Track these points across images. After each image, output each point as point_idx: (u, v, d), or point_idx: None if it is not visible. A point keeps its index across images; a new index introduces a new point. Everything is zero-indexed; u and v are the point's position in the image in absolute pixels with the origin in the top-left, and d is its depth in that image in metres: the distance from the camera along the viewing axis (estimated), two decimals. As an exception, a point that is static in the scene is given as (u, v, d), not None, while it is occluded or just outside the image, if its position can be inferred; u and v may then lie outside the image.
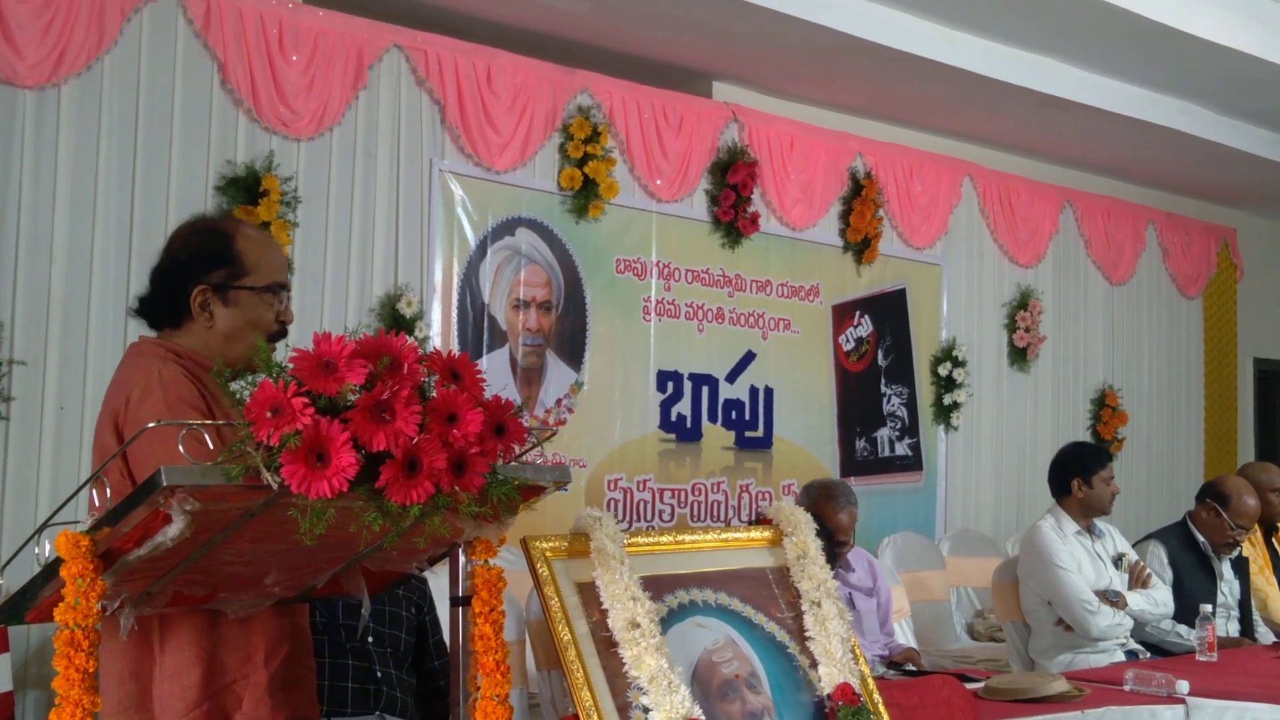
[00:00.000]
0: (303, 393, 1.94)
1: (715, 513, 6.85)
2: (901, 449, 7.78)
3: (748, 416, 7.07)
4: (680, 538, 2.77)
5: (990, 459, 8.28)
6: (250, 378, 2.01)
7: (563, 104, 6.39)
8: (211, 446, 1.96)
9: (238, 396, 1.97)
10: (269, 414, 1.92)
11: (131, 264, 5.16)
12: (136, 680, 2.39)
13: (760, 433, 7.13)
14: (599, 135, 6.45)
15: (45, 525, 2.12)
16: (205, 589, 2.28)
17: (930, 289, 8.00)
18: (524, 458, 2.21)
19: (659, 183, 6.73)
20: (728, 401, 6.99)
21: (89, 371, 5.04)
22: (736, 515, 6.92)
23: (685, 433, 6.80)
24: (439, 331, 5.88)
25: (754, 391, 7.11)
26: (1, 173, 4.88)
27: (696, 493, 6.83)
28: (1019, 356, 8.46)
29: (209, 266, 2.62)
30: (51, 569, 2.08)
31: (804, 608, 2.78)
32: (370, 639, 3.59)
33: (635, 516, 6.50)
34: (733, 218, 6.98)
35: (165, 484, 1.86)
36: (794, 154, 7.29)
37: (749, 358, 7.10)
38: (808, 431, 7.34)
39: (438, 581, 2.84)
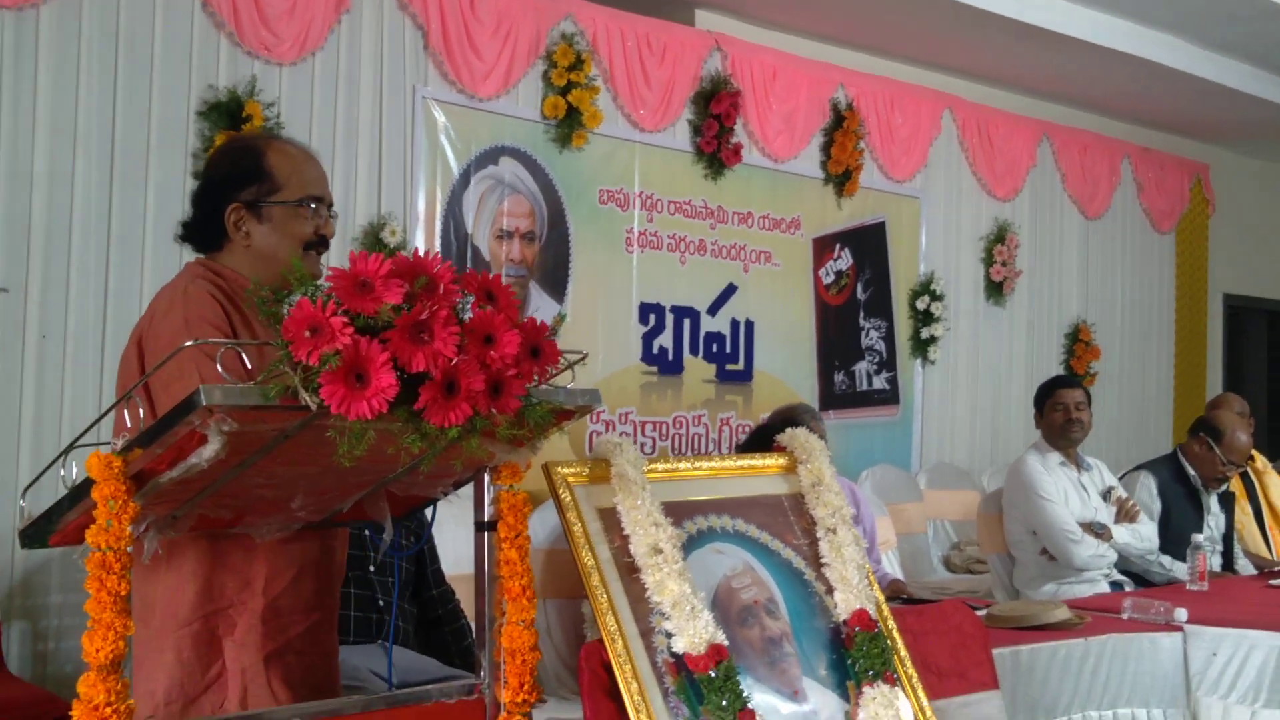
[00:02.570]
0: (341, 312, 1.91)
1: (696, 445, 6.85)
2: (879, 382, 7.79)
3: (729, 349, 7.06)
4: (698, 464, 2.76)
5: (966, 393, 8.32)
6: (292, 297, 1.98)
7: (546, 30, 6.30)
8: (248, 367, 1.93)
9: (281, 314, 1.93)
10: (307, 333, 1.89)
11: (113, 190, 5.07)
12: (138, 593, 2.37)
13: (741, 366, 7.12)
14: (582, 63, 6.37)
15: (71, 447, 2.08)
16: (231, 512, 2.25)
17: (909, 222, 7.99)
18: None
19: (642, 112, 6.67)
20: (709, 334, 6.98)
21: (70, 299, 4.96)
22: (717, 448, 6.92)
23: (667, 365, 6.78)
24: (423, 261, 5.81)
25: (735, 324, 7.09)
26: (-20, 91, 4.79)
27: (678, 425, 6.82)
28: (995, 290, 8.47)
29: (240, 184, 2.59)
30: (78, 491, 2.05)
31: (819, 534, 2.78)
32: (372, 568, 3.58)
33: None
34: (715, 148, 6.93)
35: (204, 404, 1.83)
36: (776, 84, 7.24)
37: (730, 290, 7.08)
38: (787, 365, 7.34)
39: (452, 509, 2.81)
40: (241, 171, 2.61)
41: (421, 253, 2.03)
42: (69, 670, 4.82)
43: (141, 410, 2.00)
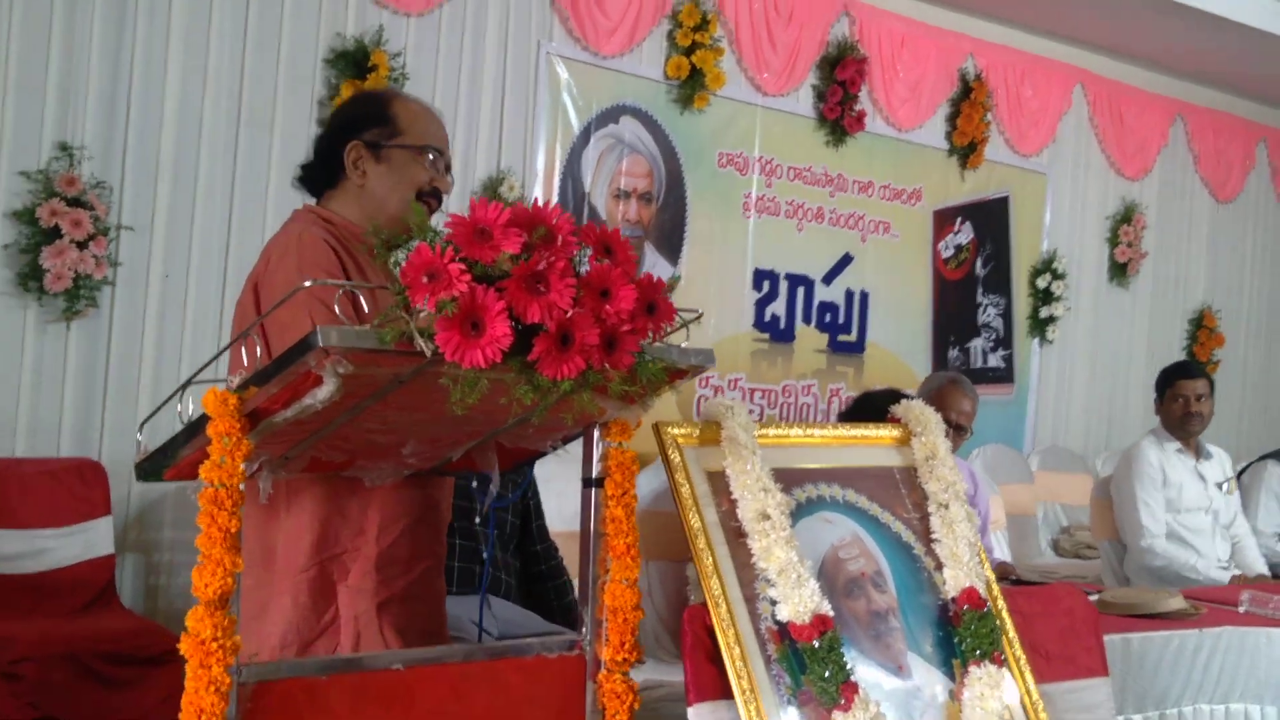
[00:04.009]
0: (459, 259, 1.89)
1: (804, 415, 6.79)
2: (995, 360, 7.66)
3: (841, 320, 6.98)
4: (810, 431, 2.71)
5: (1084, 375, 8.14)
6: (409, 243, 1.98)
7: (673, -11, 6.26)
8: (364, 310, 1.93)
9: (394, 261, 1.93)
10: (425, 279, 1.88)
11: (239, 133, 5.15)
12: (260, 539, 2.39)
13: (853, 337, 7.04)
14: (708, 24, 6.31)
15: (189, 383, 2.09)
16: (343, 455, 2.26)
17: (1034, 198, 7.83)
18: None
19: (766, 76, 6.60)
20: (823, 304, 6.90)
21: (194, 239, 5.05)
22: (826, 419, 6.85)
23: (779, 333, 6.73)
24: (540, 218, 5.81)
25: (849, 295, 7.01)
26: (114, 38, 4.85)
27: (787, 394, 6.77)
28: (1119, 272, 8.27)
29: (363, 125, 2.62)
30: (194, 427, 2.06)
31: (930, 509, 2.72)
32: (478, 519, 3.58)
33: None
34: (838, 115, 6.83)
35: (320, 345, 1.82)
36: (904, 52, 7.12)
37: (846, 260, 7.00)
38: (901, 338, 7.24)
39: (560, 466, 2.79)
40: (365, 114, 2.64)
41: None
42: (179, 605, 4.92)
43: (259, 351, 2.01)
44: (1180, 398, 5.26)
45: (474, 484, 3.10)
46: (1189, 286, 8.78)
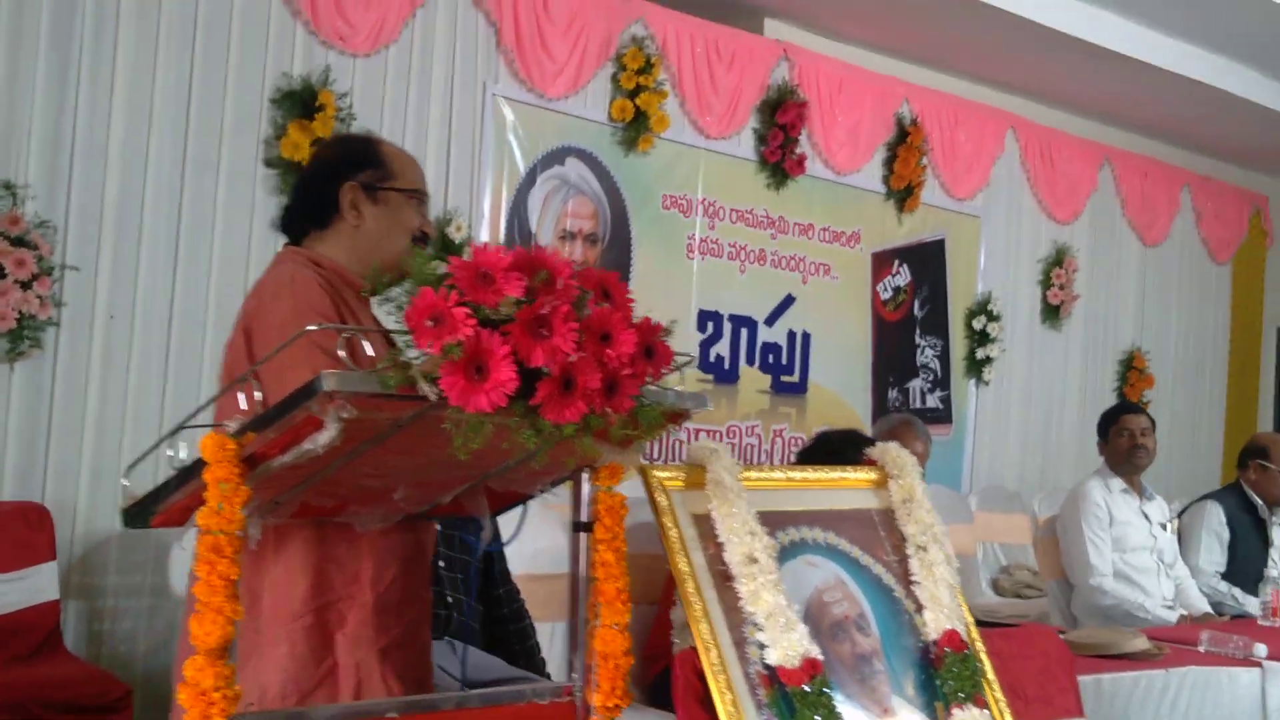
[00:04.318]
0: (463, 303, 1.88)
1: (749, 456, 6.81)
2: (933, 401, 7.74)
3: (784, 360, 7.02)
4: (790, 475, 2.72)
5: (1019, 415, 8.24)
6: (402, 287, 1.96)
7: (617, 33, 6.28)
8: (370, 355, 1.91)
9: (397, 304, 1.91)
10: (429, 323, 1.87)
11: (185, 173, 5.09)
12: (247, 586, 2.34)
13: (796, 378, 7.08)
14: (651, 67, 6.35)
15: (179, 428, 2.06)
16: (335, 500, 2.23)
17: (969, 241, 7.94)
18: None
19: (708, 119, 6.64)
20: (765, 344, 6.94)
21: (140, 280, 4.97)
22: (769, 460, 6.88)
23: (723, 374, 6.75)
24: (486, 258, 5.80)
25: (791, 336, 7.06)
26: (59, 76, 4.79)
27: (731, 435, 6.79)
28: (1052, 314, 8.40)
29: (357, 167, 2.61)
30: (186, 473, 2.02)
31: (909, 551, 2.74)
32: (442, 563, 3.55)
33: (670, 456, 6.44)
34: (780, 158, 6.89)
35: (324, 389, 1.80)
36: (842, 96, 7.20)
37: (788, 301, 7.04)
38: (842, 379, 7.30)
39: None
40: (358, 156, 2.64)
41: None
42: (122, 651, 4.84)
43: (253, 395, 1.98)
44: (1126, 432, 5.36)
45: (438, 528, 3.09)
46: (1119, 328, 8.93)
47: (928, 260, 7.72)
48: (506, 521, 2.60)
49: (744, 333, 6.84)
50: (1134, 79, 7.91)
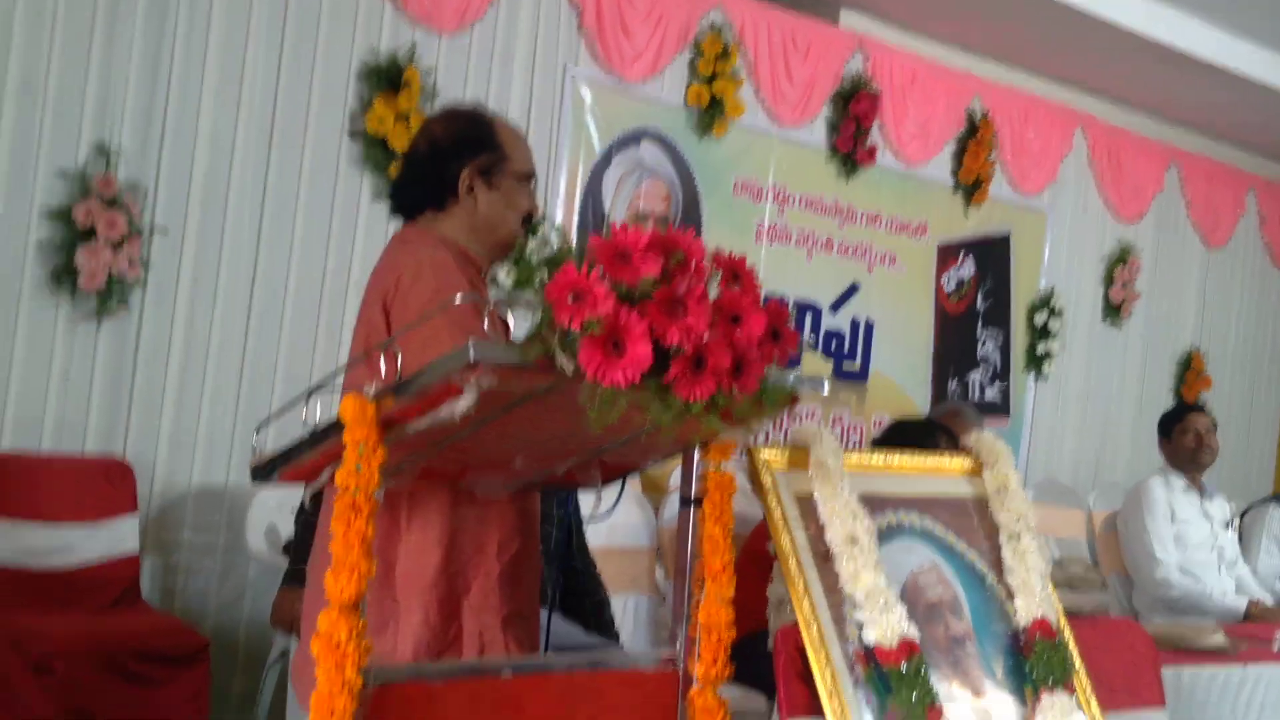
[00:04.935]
0: (603, 279, 1.94)
1: (808, 441, 6.84)
2: (992, 394, 7.76)
3: (847, 348, 7.06)
4: (889, 460, 2.77)
5: (1076, 411, 8.25)
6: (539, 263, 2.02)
7: (696, 19, 6.32)
8: (509, 325, 1.98)
9: (538, 282, 1.97)
10: (570, 298, 1.93)
11: (272, 143, 5.17)
12: (381, 554, 2.41)
13: (857, 365, 7.12)
14: (729, 54, 6.39)
15: (313, 391, 2.14)
16: (457, 466, 2.30)
17: (1034, 236, 7.94)
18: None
19: (782, 107, 6.67)
20: (829, 331, 6.98)
21: (224, 247, 5.06)
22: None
23: (787, 360, 6.77)
24: (561, 238, 5.86)
25: (855, 324, 7.09)
26: (155, 43, 4.87)
27: (791, 420, 6.82)
28: (1113, 312, 8.39)
29: (475, 149, 2.65)
30: (321, 433, 2.09)
31: (1002, 540, 2.79)
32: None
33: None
34: (851, 148, 6.92)
35: (472, 359, 1.87)
36: (914, 89, 7.22)
37: (853, 289, 7.07)
38: (903, 368, 7.32)
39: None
40: (475, 137, 2.68)
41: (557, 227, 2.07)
42: (195, 607, 4.94)
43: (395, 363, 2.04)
44: (1192, 431, 5.39)
45: (560, 506, 3.17)
46: (1178, 329, 8.92)
47: (993, 254, 7.73)
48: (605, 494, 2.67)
49: (808, 319, 6.88)
50: (1203, 81, 7.89)
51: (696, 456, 2.40)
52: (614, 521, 4.55)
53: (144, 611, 4.48)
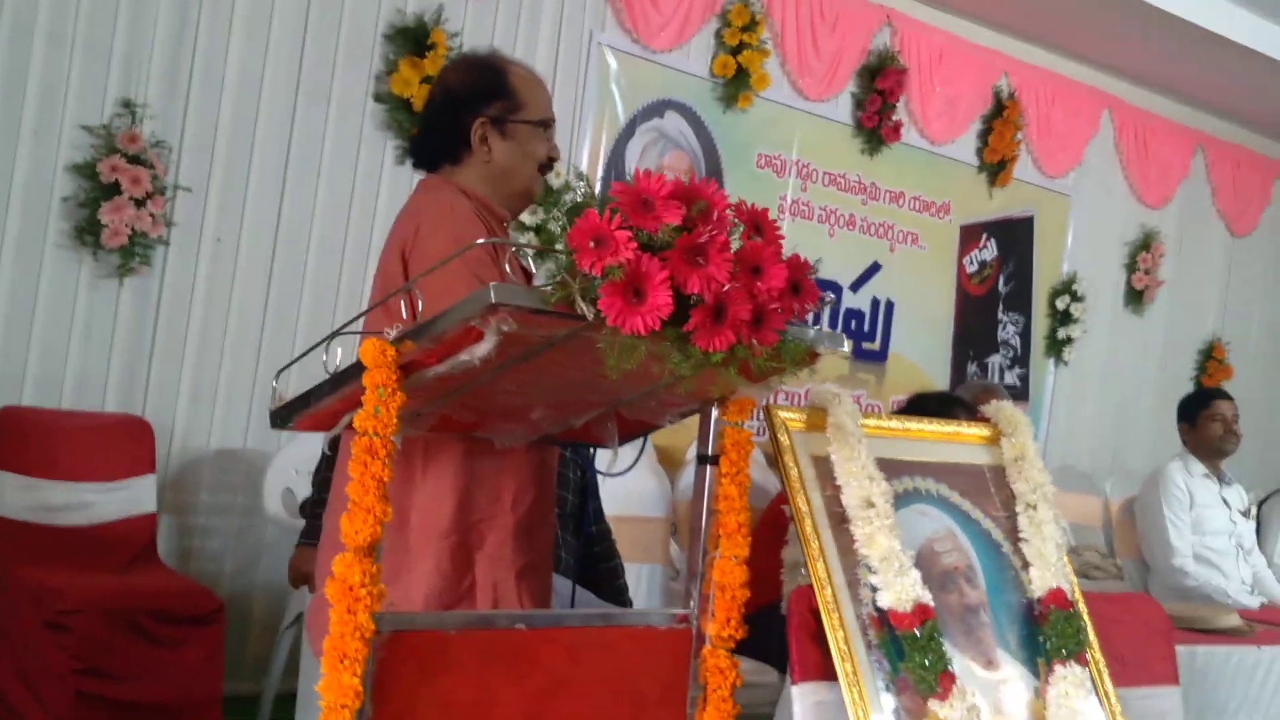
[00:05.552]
0: (625, 227, 1.93)
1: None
2: (1011, 378, 7.72)
3: (867, 328, 7.03)
4: (906, 425, 2.75)
5: (1095, 397, 8.21)
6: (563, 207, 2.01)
7: (724, -12, 6.30)
8: (530, 272, 1.96)
9: (559, 227, 1.96)
10: (592, 244, 1.91)
11: (297, 102, 5.16)
12: (396, 503, 2.40)
13: (877, 345, 7.09)
14: (756, 25, 6.35)
15: (334, 335, 2.12)
16: (474, 416, 2.29)
17: (1057, 219, 7.90)
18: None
19: (807, 81, 6.64)
20: (849, 310, 6.95)
21: (248, 205, 5.06)
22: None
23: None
24: (582, 207, 5.85)
25: (875, 303, 7.06)
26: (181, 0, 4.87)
27: (809, 398, 6.79)
28: (1135, 298, 8.34)
29: (486, 99, 2.62)
30: (339, 378, 2.09)
31: (1018, 509, 2.77)
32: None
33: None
34: (876, 124, 6.88)
35: (493, 301, 1.85)
36: (942, 66, 7.17)
37: (874, 268, 7.04)
38: (923, 349, 7.29)
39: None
40: (486, 88, 2.64)
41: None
42: (210, 569, 4.95)
43: (415, 306, 2.04)
44: (1219, 417, 5.35)
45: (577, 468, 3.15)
46: (1201, 317, 8.87)
47: (1016, 236, 7.69)
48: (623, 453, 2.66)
49: (828, 297, 6.85)
50: (1233, 64, 7.81)
51: (714, 414, 2.39)
52: (630, 489, 4.56)
53: (160, 571, 4.48)
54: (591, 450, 3.79)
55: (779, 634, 2.68)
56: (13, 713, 3.92)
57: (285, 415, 2.21)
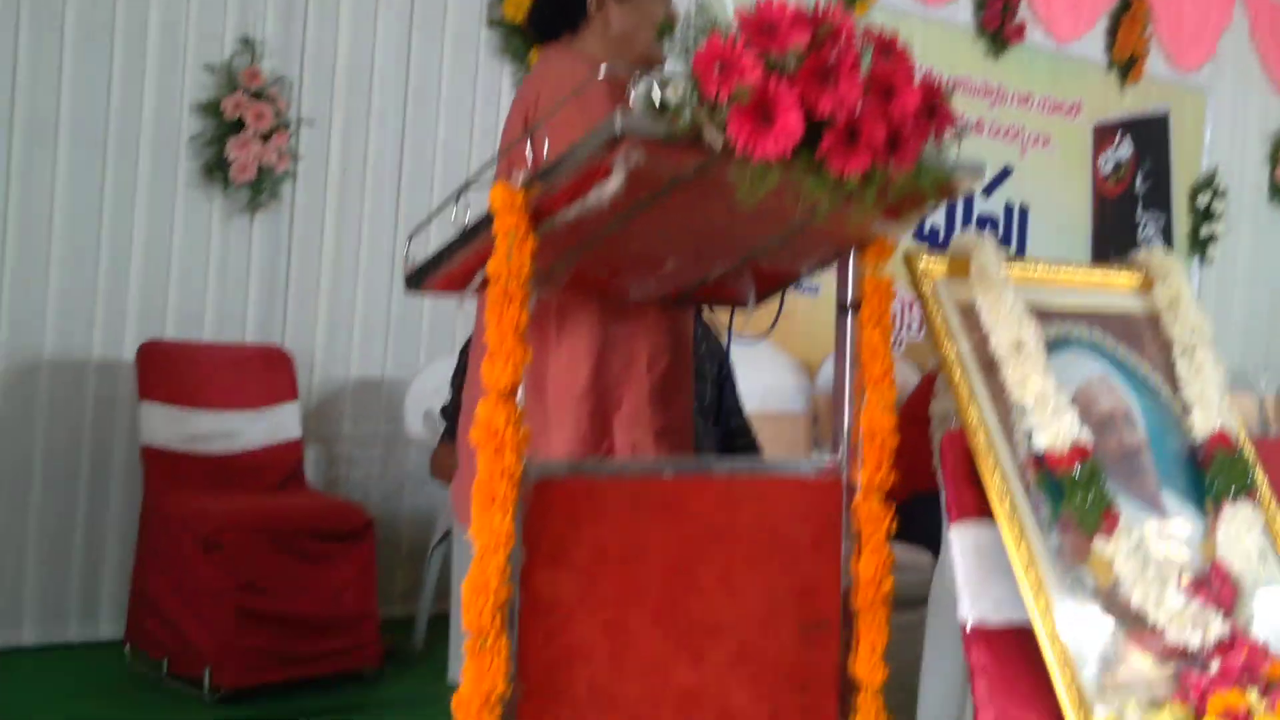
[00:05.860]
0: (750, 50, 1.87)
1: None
2: (1153, 278, 7.49)
3: (1001, 233, 6.88)
4: (1053, 271, 2.66)
5: (1243, 294, 7.96)
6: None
7: (840, -108, 6.18)
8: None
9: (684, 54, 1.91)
10: (717, 69, 1.86)
11: (413, 34, 5.16)
12: (533, 369, 2.39)
13: (1012, 251, 6.93)
14: (875, -72, 6.23)
15: (463, 190, 2.11)
16: (606, 270, 2.26)
17: (1194, 115, 7.65)
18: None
19: (927, -16, 6.51)
20: (982, 216, 6.81)
21: (370, 136, 5.08)
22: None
23: (938, 243, 6.64)
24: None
25: (1009, 208, 6.90)
26: (295, -68, 4.91)
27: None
28: (1278, 192, 8.06)
29: None
30: (471, 231, 2.07)
31: (1176, 354, 2.66)
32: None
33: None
34: (998, 25, 6.71)
35: (618, 131, 1.82)
36: (1065, -39, 6.98)
37: (1005, 173, 6.88)
38: (1060, 253, 7.08)
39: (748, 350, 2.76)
40: None
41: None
42: (356, 496, 4.99)
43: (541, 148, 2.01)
44: None
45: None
46: (1349, 208, 8.53)
47: (1151, 134, 7.46)
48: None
49: (960, 203, 6.71)
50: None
51: (852, 260, 2.33)
52: (768, 385, 4.52)
53: (308, 494, 4.54)
54: (728, 341, 3.76)
55: (931, 520, 2.62)
56: (176, 631, 4.00)
57: (419, 277, 2.22)
